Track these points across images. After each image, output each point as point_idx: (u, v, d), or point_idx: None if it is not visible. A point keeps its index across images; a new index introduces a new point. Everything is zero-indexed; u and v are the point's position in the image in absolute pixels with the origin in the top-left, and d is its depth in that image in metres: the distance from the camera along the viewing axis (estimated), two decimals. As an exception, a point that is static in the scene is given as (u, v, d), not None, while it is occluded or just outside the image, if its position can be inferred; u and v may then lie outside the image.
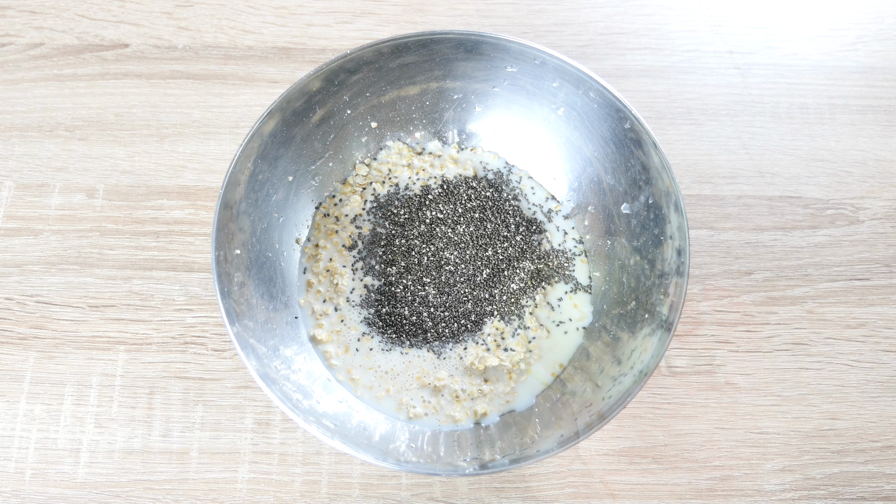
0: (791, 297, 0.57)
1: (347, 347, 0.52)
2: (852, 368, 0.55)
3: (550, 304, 0.54)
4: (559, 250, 0.55)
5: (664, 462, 0.53)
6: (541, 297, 0.54)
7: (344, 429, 0.46)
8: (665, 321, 0.45)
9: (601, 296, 0.54)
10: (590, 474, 0.52)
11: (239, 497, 0.51)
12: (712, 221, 0.59)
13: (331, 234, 0.55)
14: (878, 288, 0.57)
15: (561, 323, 0.54)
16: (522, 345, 0.52)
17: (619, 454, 0.53)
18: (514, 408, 0.51)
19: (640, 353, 0.46)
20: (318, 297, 0.54)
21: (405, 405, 0.51)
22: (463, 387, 0.51)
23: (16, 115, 0.61)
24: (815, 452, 0.53)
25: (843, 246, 0.59)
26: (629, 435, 0.53)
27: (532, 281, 0.54)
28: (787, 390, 0.55)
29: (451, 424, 0.51)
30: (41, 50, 0.64)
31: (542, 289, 0.54)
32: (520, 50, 0.50)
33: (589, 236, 0.55)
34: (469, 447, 0.48)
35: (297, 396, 0.46)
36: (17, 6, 0.65)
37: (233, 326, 0.44)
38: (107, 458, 0.52)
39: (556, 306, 0.54)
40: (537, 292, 0.54)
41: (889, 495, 0.52)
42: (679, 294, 0.45)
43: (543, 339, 0.53)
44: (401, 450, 0.46)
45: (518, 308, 0.53)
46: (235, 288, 0.46)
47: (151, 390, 0.53)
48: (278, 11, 0.66)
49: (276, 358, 0.48)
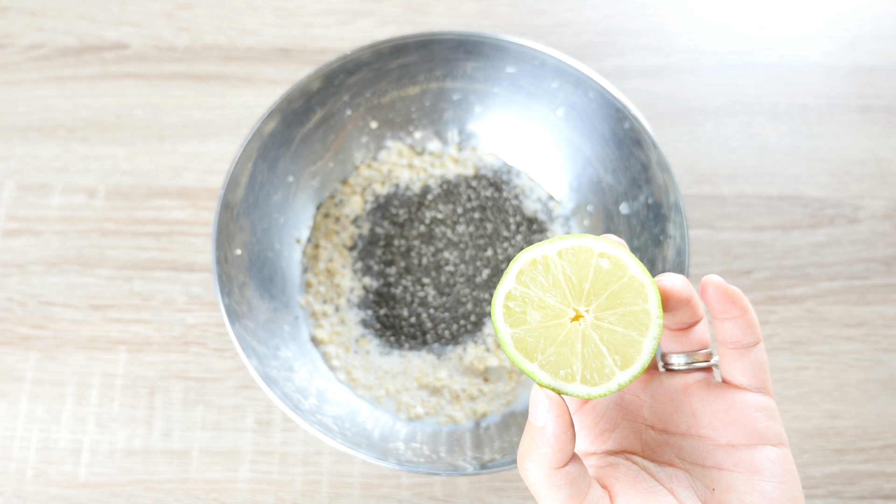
0: (791, 296, 0.57)
1: (348, 348, 0.52)
2: (852, 368, 0.55)
3: None
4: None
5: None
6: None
7: (344, 429, 0.46)
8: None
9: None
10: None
11: (239, 497, 0.51)
12: (712, 221, 0.59)
13: (331, 234, 0.55)
14: (877, 287, 0.58)
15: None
16: None
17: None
18: (514, 408, 0.51)
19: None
20: (319, 297, 0.54)
21: (405, 405, 0.51)
22: (463, 387, 0.52)
23: (16, 116, 0.61)
24: (814, 451, 0.53)
25: (842, 245, 0.59)
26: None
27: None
28: (786, 389, 0.55)
29: (452, 425, 0.51)
30: (42, 51, 0.64)
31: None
32: (519, 50, 0.50)
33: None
34: (469, 447, 0.48)
35: (297, 396, 0.46)
36: (18, 7, 0.66)
37: (234, 326, 0.44)
38: (108, 458, 0.52)
39: None
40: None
41: (889, 494, 0.52)
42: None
43: None
44: (401, 450, 0.46)
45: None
46: (236, 288, 0.47)
47: (152, 390, 0.53)
48: (278, 12, 0.66)
49: (277, 358, 0.48)
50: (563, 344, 0.27)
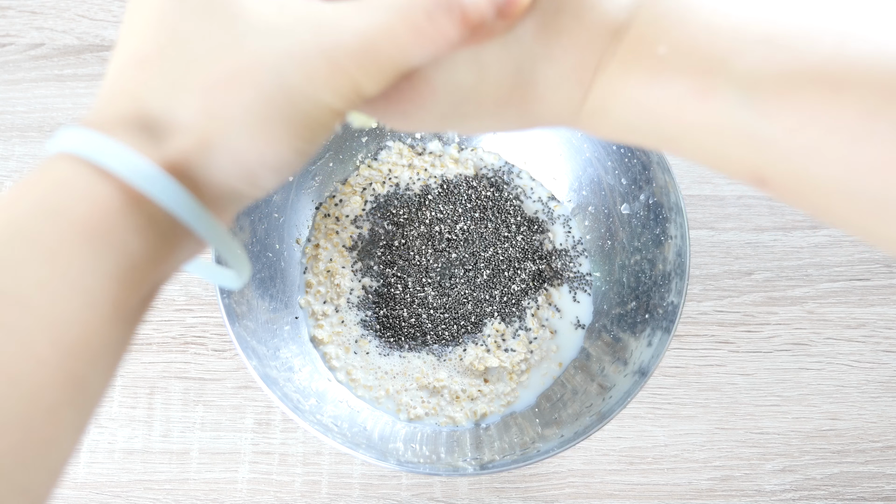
0: (791, 297, 0.57)
1: (348, 348, 0.52)
2: (852, 368, 0.55)
3: (552, 304, 0.54)
4: (561, 250, 0.55)
5: (664, 462, 0.53)
6: (543, 297, 0.54)
7: (344, 429, 0.46)
8: (665, 321, 0.46)
9: (601, 296, 0.54)
10: (590, 474, 0.52)
11: (239, 497, 0.51)
12: (712, 221, 0.59)
13: (331, 234, 0.55)
14: (878, 288, 0.57)
15: (561, 323, 0.54)
16: (523, 345, 0.52)
17: (619, 454, 0.53)
18: (514, 409, 0.51)
19: (641, 353, 0.46)
20: (319, 297, 0.54)
21: (405, 406, 0.51)
22: (463, 387, 0.51)
23: (16, 116, 0.61)
24: (815, 453, 0.53)
25: (843, 246, 0.59)
26: (629, 435, 0.53)
27: (534, 282, 0.54)
28: (787, 390, 0.55)
29: (452, 425, 0.51)
30: (41, 50, 0.64)
31: (545, 290, 0.54)
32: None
33: (589, 236, 0.55)
34: (469, 447, 0.48)
35: (297, 397, 0.46)
36: (18, 6, 0.65)
37: (234, 327, 0.44)
38: (107, 458, 0.52)
39: (557, 307, 0.54)
40: (539, 293, 0.54)
41: (889, 495, 0.52)
42: (679, 294, 0.45)
43: (545, 339, 0.53)
44: (400, 450, 0.46)
45: (519, 309, 0.53)
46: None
47: (152, 390, 0.53)
48: (278, 11, 0.66)
49: (277, 358, 0.48)
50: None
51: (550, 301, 0.54)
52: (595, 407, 0.46)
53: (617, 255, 0.53)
